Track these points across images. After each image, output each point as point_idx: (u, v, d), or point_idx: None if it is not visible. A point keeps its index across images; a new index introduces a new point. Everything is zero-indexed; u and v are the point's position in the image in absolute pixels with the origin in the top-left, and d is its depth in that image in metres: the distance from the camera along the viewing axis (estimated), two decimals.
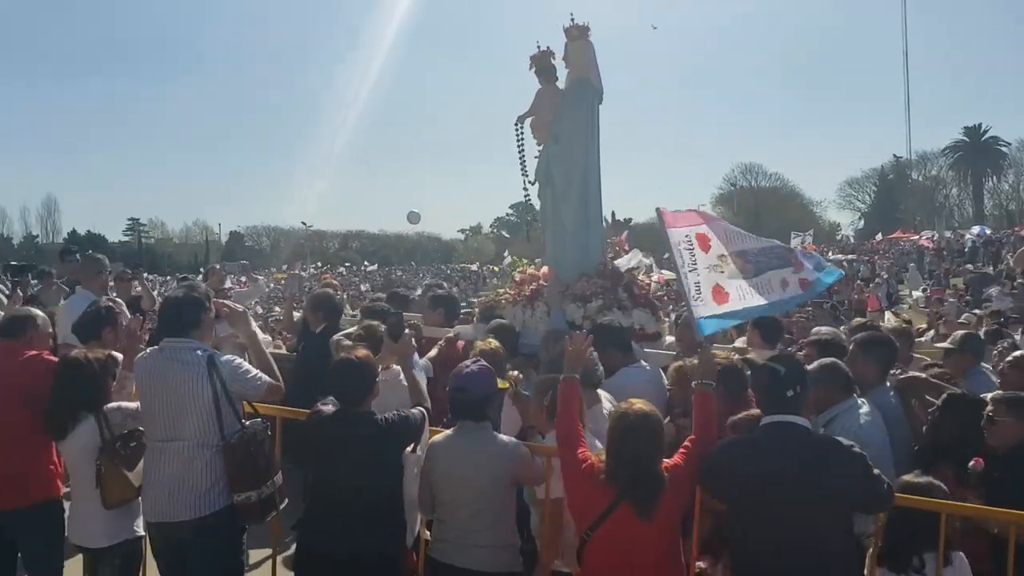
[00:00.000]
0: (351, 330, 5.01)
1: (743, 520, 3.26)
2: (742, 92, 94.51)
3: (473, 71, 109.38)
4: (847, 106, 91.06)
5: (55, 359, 4.07)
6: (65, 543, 4.07)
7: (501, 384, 3.97)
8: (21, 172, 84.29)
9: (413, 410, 3.75)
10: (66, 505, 4.09)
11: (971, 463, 3.59)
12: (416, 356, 4.73)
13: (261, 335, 5.08)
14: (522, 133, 6.91)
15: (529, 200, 7.02)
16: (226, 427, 3.56)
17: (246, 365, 3.74)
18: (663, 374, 4.91)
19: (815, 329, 5.55)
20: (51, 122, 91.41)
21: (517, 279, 7.03)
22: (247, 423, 3.66)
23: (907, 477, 3.41)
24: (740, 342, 5.95)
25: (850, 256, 35.03)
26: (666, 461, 3.28)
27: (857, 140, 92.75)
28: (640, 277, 6.76)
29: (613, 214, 7.07)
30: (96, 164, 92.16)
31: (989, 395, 3.94)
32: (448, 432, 3.76)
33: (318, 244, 77.44)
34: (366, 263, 57.53)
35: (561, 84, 6.84)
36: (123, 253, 56.20)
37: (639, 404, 3.28)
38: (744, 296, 3.90)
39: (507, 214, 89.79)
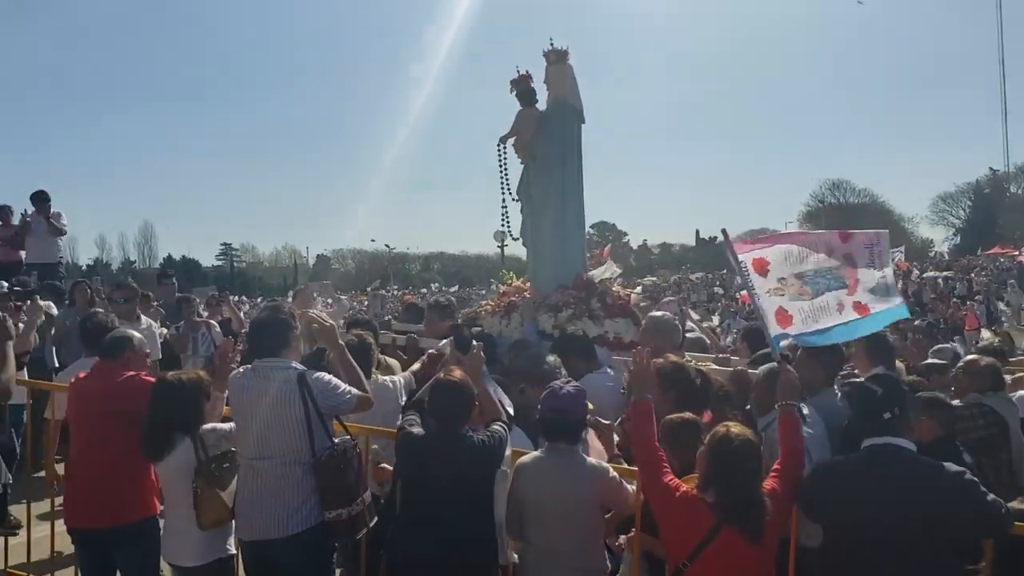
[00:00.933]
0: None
1: (840, 545, 3.14)
2: (831, 106, 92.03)
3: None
4: (939, 119, 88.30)
5: (152, 380, 4.12)
6: None
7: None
8: (119, 200, 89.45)
9: (495, 426, 3.69)
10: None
11: None
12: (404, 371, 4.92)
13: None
14: (504, 153, 7.17)
15: (507, 217, 7.26)
16: (317, 444, 3.59)
17: (335, 380, 3.75)
18: None
19: None
20: (147, 151, 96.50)
21: (501, 291, 7.32)
22: (337, 440, 3.68)
23: (1013, 504, 3.21)
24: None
25: (946, 273, 33.59)
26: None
27: (949, 153, 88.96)
28: (615, 288, 6.89)
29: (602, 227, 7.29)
30: (190, 191, 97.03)
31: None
32: (537, 453, 3.72)
33: (401, 266, 79.47)
34: (434, 284, 57.84)
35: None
36: (216, 277, 58.94)
37: (736, 428, 3.21)
38: (807, 320, 3.91)
39: (589, 233, 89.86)
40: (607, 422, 3.89)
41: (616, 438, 4.14)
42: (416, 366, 5.39)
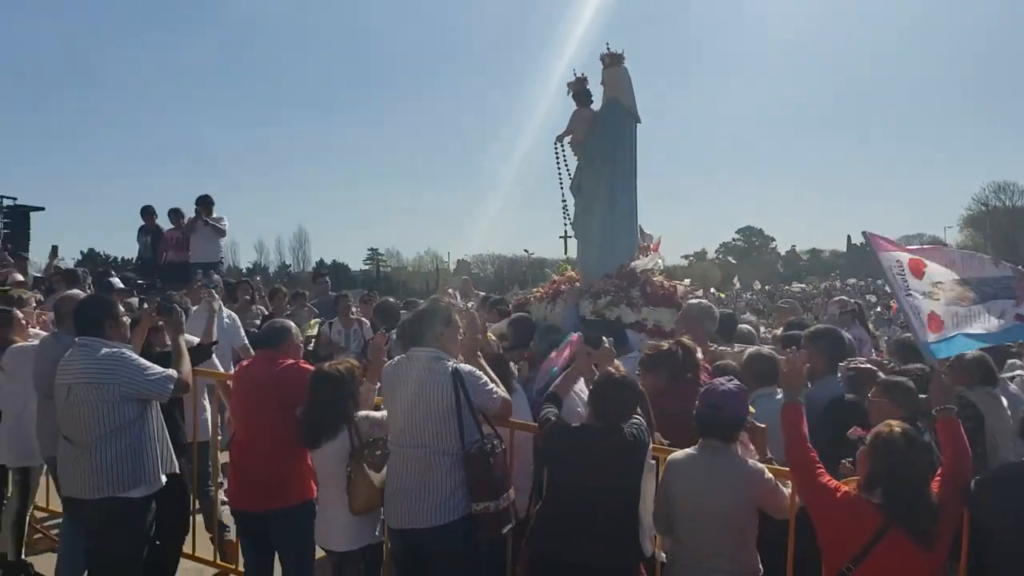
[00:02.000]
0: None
1: (1014, 555, 3.03)
2: (994, 103, 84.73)
3: (695, 92, 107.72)
4: None
5: (310, 368, 4.28)
6: None
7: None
8: (277, 206, 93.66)
9: (637, 418, 3.64)
10: None
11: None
12: None
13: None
14: (562, 151, 7.73)
15: (567, 211, 7.76)
16: (466, 436, 3.65)
17: (485, 378, 3.83)
18: None
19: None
20: (301, 159, 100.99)
21: (552, 279, 7.81)
22: (486, 434, 3.73)
23: None
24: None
25: None
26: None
27: None
28: (656, 278, 7.19)
29: (640, 228, 7.61)
30: (341, 198, 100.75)
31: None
32: (690, 450, 3.64)
33: (539, 270, 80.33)
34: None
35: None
36: (363, 280, 61.80)
37: (899, 426, 3.12)
38: (959, 324, 3.79)
39: (733, 239, 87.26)
40: (762, 425, 3.78)
41: None
42: None
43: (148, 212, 11.78)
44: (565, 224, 7.83)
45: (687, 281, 7.65)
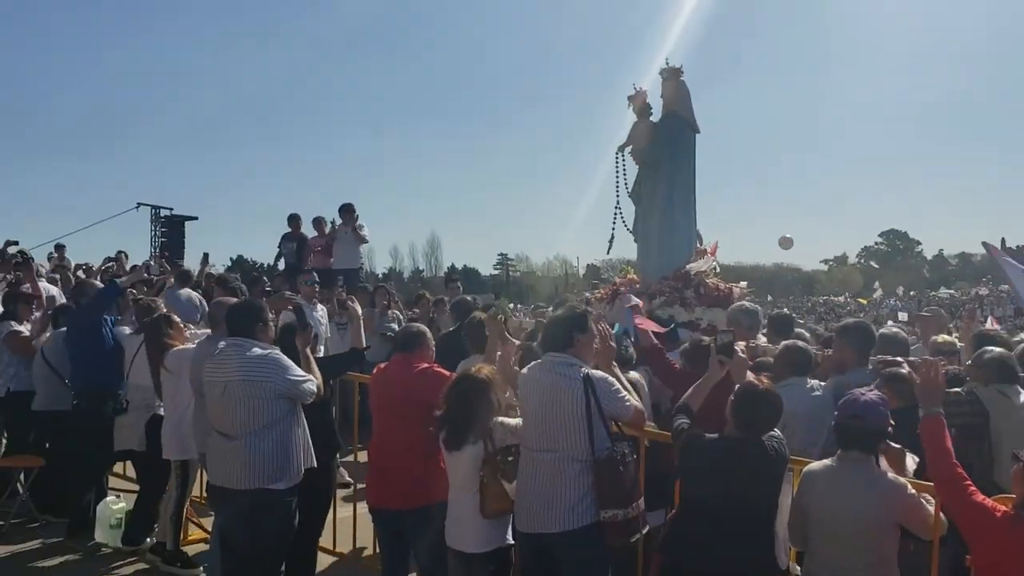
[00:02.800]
0: None
1: None
2: None
3: (828, 91, 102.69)
4: None
5: (445, 372, 4.38)
6: None
7: None
8: (410, 213, 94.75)
9: (776, 432, 3.58)
10: None
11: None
12: None
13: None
14: (623, 160, 8.36)
15: (621, 216, 8.41)
16: (597, 443, 3.66)
17: (619, 385, 3.86)
18: None
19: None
20: (432, 166, 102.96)
21: (616, 281, 8.49)
22: (616, 441, 3.73)
23: None
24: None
25: None
26: None
27: None
28: (711, 280, 7.72)
29: (698, 233, 8.16)
30: (472, 205, 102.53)
31: None
32: (828, 460, 3.56)
33: None
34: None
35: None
36: (493, 285, 62.94)
37: None
38: None
39: (876, 243, 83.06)
40: (897, 446, 3.64)
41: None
42: None
43: (294, 219, 12.16)
44: (613, 228, 8.46)
45: (743, 284, 8.11)
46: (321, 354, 6.73)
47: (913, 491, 3.36)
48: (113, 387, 6.05)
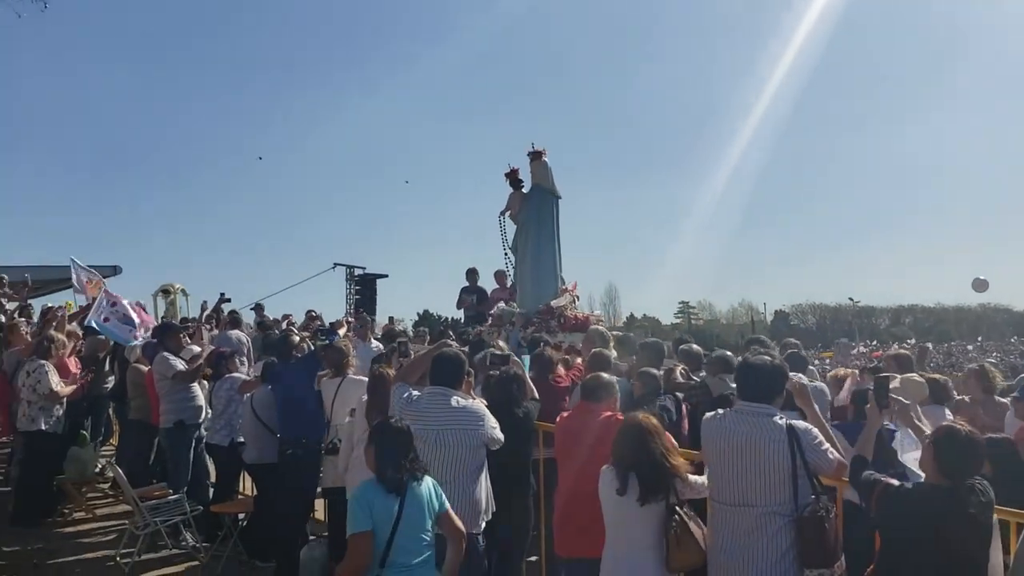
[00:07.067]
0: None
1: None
2: None
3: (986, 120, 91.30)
4: None
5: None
6: None
7: None
8: (588, 263, 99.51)
9: (980, 478, 3.28)
10: None
11: None
12: None
13: None
14: (504, 222, 11.53)
15: (510, 267, 11.65)
16: (800, 498, 3.52)
17: (820, 436, 3.68)
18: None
19: None
20: (611, 219, 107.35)
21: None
22: (820, 496, 3.55)
23: None
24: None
25: None
26: None
27: None
28: (568, 312, 10.33)
29: (560, 277, 10.89)
30: (648, 254, 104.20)
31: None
32: None
33: (867, 320, 75.50)
34: (909, 340, 52.82)
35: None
36: (674, 334, 64.99)
37: None
38: None
39: None
40: None
41: None
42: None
43: (472, 273, 12.83)
44: (507, 272, 11.77)
45: (597, 312, 10.30)
46: None
47: None
48: (320, 434, 6.36)
